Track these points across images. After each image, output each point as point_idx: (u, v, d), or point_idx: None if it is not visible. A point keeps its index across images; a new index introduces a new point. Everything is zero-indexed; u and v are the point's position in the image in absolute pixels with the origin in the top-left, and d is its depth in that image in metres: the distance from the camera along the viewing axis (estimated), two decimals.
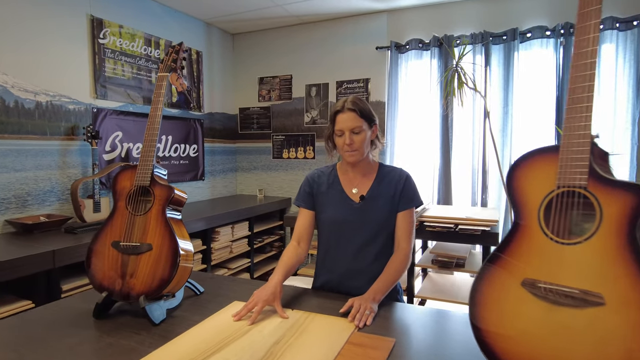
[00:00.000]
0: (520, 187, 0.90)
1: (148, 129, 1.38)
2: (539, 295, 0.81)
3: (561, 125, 2.95)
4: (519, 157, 0.92)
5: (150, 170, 1.34)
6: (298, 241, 1.52)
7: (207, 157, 3.92)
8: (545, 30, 2.99)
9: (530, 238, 0.86)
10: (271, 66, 4.12)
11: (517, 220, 0.89)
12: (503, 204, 3.22)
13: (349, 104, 1.44)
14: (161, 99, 1.40)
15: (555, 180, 0.84)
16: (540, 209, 0.85)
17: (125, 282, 1.27)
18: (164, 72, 1.44)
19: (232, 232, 3.38)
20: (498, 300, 0.88)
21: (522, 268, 0.85)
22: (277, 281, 1.34)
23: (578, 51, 0.84)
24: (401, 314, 1.32)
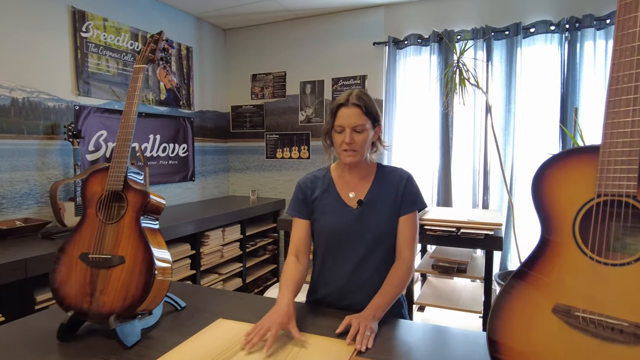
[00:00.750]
0: (549, 196, 0.76)
1: (122, 127, 1.23)
2: (576, 325, 0.68)
3: (566, 123, 2.83)
4: (547, 159, 0.78)
5: (123, 173, 1.20)
6: (296, 255, 1.37)
7: (198, 157, 3.77)
8: (550, 25, 2.87)
9: (563, 256, 0.72)
10: (264, 63, 3.97)
11: (546, 235, 0.76)
12: (505, 206, 3.10)
13: (354, 98, 1.29)
14: (137, 94, 1.26)
15: (594, 187, 0.70)
16: (575, 221, 0.72)
17: (95, 300, 1.12)
18: (141, 64, 1.29)
19: (223, 236, 3.23)
20: (523, 328, 0.74)
21: (554, 291, 0.72)
22: (289, 300, 1.17)
23: (621, 32, 0.71)
24: (405, 334, 1.19)
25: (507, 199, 3.06)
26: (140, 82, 1.27)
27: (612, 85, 0.71)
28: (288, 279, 1.27)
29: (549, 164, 0.77)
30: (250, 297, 1.46)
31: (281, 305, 1.15)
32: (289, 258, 1.36)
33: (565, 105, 2.85)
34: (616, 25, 0.72)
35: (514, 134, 3.02)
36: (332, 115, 1.34)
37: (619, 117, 0.69)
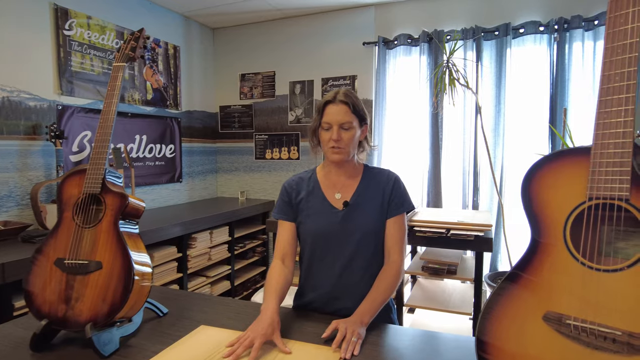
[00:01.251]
0: (539, 198, 0.74)
1: (100, 128, 1.19)
2: (568, 334, 0.65)
3: (555, 124, 2.83)
4: (537, 161, 0.76)
5: (101, 175, 1.15)
6: (282, 259, 1.34)
7: (185, 158, 3.71)
8: (539, 26, 2.87)
9: (554, 261, 0.70)
10: (253, 62, 3.93)
11: (536, 238, 0.73)
12: (495, 207, 3.09)
13: (342, 96, 1.28)
14: (116, 93, 1.21)
15: (586, 190, 0.68)
16: (566, 225, 0.69)
17: (70, 308, 1.07)
18: (121, 62, 1.25)
19: (211, 238, 3.17)
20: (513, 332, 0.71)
21: (545, 297, 0.69)
22: (273, 310, 1.13)
23: (612, 30, 0.69)
24: (393, 339, 1.16)
25: (496, 199, 3.05)
26: (120, 81, 1.22)
27: (604, 84, 0.69)
28: (273, 285, 1.23)
29: (539, 166, 0.75)
30: (234, 303, 1.42)
31: (265, 315, 1.11)
32: (275, 262, 1.32)
33: (554, 106, 2.85)
34: (607, 23, 0.70)
35: (503, 135, 3.01)
36: (319, 112, 1.32)
37: (610, 117, 0.67)
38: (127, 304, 1.06)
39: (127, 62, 1.27)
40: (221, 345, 1.08)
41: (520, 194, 0.76)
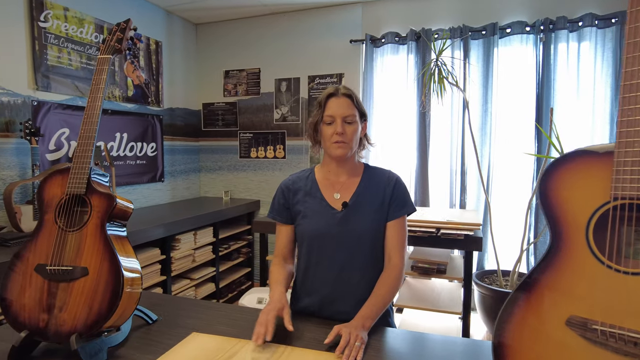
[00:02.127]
0: (558, 199, 0.71)
1: (84, 124, 1.11)
2: (594, 340, 0.63)
3: (541, 123, 2.86)
4: (554, 160, 0.73)
5: (86, 175, 1.07)
6: (283, 259, 1.33)
7: (167, 157, 3.60)
8: (525, 26, 2.89)
9: (576, 264, 0.67)
10: (238, 59, 3.85)
11: (556, 241, 0.70)
12: (482, 206, 3.11)
13: (344, 89, 1.27)
14: (101, 87, 1.14)
15: (609, 189, 0.66)
16: (588, 227, 0.67)
17: (53, 317, 1.00)
18: (106, 54, 1.17)
19: (195, 239, 3.09)
20: (533, 341, 0.69)
21: (567, 301, 0.67)
22: (281, 292, 1.19)
23: (634, 25, 0.66)
24: (394, 343, 1.12)
25: (483, 198, 3.07)
26: (106, 75, 1.15)
27: (627, 81, 0.67)
28: (277, 278, 1.25)
29: (557, 165, 0.72)
30: (226, 308, 1.36)
31: (273, 297, 1.16)
32: (276, 260, 1.31)
33: (540, 106, 2.88)
34: (629, 18, 0.67)
35: (490, 134, 3.03)
36: (321, 106, 1.28)
37: (635, 115, 0.65)
38: (115, 312, 0.99)
39: (113, 55, 1.19)
40: (216, 354, 1.02)
41: (538, 195, 0.73)
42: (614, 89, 2.73)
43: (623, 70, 0.67)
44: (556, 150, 2.56)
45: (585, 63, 2.81)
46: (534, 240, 2.96)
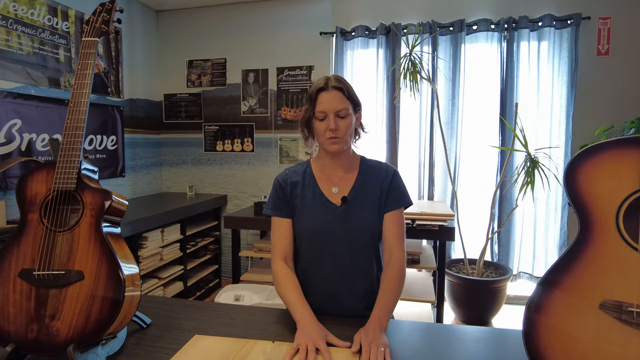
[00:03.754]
0: (586, 190, 0.73)
1: (71, 114, 1.01)
2: (630, 321, 0.66)
3: (505, 116, 3.00)
4: (581, 152, 0.76)
5: (76, 169, 0.98)
6: (284, 259, 1.24)
7: (128, 150, 3.39)
8: (490, 24, 3.01)
9: (607, 250, 0.70)
10: (202, 48, 3.69)
11: (585, 230, 0.73)
12: (449, 197, 3.22)
13: (334, 82, 1.21)
14: (89, 73, 1.04)
15: (637, 178, 0.69)
16: (618, 214, 0.70)
17: (44, 327, 0.90)
18: (92, 37, 1.07)
19: (162, 237, 2.95)
20: (567, 327, 0.71)
21: (599, 287, 0.70)
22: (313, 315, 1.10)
23: None
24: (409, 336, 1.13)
25: (450, 190, 3.18)
26: (93, 60, 1.05)
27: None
28: (294, 290, 1.17)
29: (584, 157, 0.75)
30: (223, 308, 1.31)
31: (310, 322, 1.07)
32: (279, 264, 1.22)
33: (504, 101, 3.02)
34: None
35: (457, 128, 3.13)
36: (311, 101, 1.23)
37: None
38: (117, 319, 0.92)
39: (100, 37, 1.09)
40: (228, 356, 0.98)
41: (565, 186, 0.76)
42: (570, 86, 2.92)
43: None
44: (520, 143, 2.70)
45: (544, 61, 2.97)
46: (498, 230, 3.11)
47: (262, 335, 1.10)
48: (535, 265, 3.10)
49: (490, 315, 2.93)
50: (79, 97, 1.02)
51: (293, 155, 3.58)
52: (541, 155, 2.71)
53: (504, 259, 3.15)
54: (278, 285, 1.19)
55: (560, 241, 3.02)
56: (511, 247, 3.13)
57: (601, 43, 2.93)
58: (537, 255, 3.09)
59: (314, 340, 0.98)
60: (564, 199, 2.99)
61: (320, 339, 0.99)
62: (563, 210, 3.00)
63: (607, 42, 2.93)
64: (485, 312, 2.93)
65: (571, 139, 2.95)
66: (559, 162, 2.99)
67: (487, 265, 3.11)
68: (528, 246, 3.12)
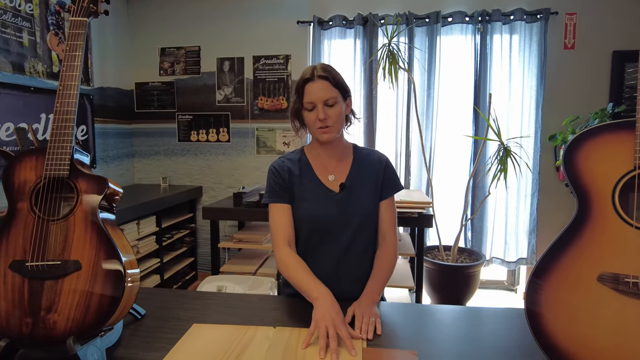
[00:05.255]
0: (585, 169, 0.78)
1: (60, 97, 0.96)
2: (626, 291, 0.71)
3: (479, 107, 3.09)
4: (579, 134, 0.80)
5: (68, 155, 0.94)
6: (288, 244, 1.24)
7: (99, 141, 3.26)
8: (465, 16, 3.08)
9: (604, 226, 0.75)
10: (175, 35, 3.58)
11: (584, 208, 0.78)
12: (424, 186, 3.30)
13: (320, 71, 1.20)
14: (78, 55, 0.99)
15: (631, 159, 0.74)
16: (614, 193, 0.75)
17: (40, 321, 0.86)
18: (81, 17, 1.02)
19: (138, 229, 2.87)
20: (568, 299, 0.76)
21: (597, 261, 0.74)
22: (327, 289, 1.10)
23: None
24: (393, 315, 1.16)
25: (425, 178, 3.25)
26: (82, 41, 1.00)
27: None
28: (304, 268, 1.17)
29: (582, 139, 0.79)
30: (215, 297, 1.30)
31: (326, 297, 1.06)
32: (284, 249, 1.22)
33: (478, 91, 3.11)
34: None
35: (432, 118, 3.20)
36: (299, 93, 1.23)
37: None
38: (117, 309, 0.89)
39: (89, 18, 1.04)
40: (231, 343, 0.97)
41: (564, 167, 0.80)
42: (539, 78, 3.04)
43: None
44: (494, 133, 2.79)
45: (515, 54, 3.08)
46: (471, 217, 3.23)
47: (262, 322, 1.10)
48: (506, 250, 3.24)
49: (464, 299, 3.05)
50: (69, 80, 0.97)
51: (270, 146, 3.55)
52: (513, 144, 2.83)
53: (477, 245, 3.27)
54: (287, 268, 1.19)
55: (530, 227, 3.17)
56: (484, 233, 3.25)
57: (567, 37, 3.07)
58: (508, 241, 3.23)
59: (335, 323, 0.96)
60: (533, 186, 3.13)
61: (342, 323, 0.97)
62: (532, 198, 3.14)
63: (572, 37, 3.07)
64: (460, 296, 3.04)
65: (540, 129, 3.08)
66: (529, 151, 3.12)
67: (461, 252, 3.22)
68: (500, 232, 3.25)
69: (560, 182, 3.15)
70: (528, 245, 3.19)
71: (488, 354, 0.95)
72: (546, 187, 3.17)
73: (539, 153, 3.10)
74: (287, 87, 3.45)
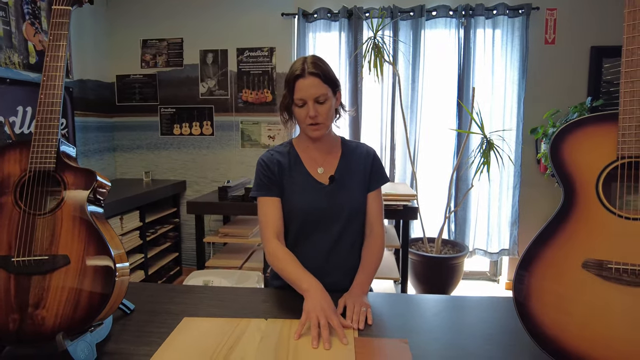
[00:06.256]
0: (570, 159, 0.80)
1: (44, 88, 0.94)
2: (609, 277, 0.73)
3: (463, 100, 3.14)
4: (565, 126, 0.82)
5: (54, 147, 0.92)
6: (277, 237, 1.23)
7: (79, 135, 3.18)
8: (449, 10, 3.11)
9: (588, 215, 0.78)
10: (157, 27, 3.50)
11: (569, 197, 0.80)
12: (408, 179, 3.33)
13: (311, 67, 1.18)
14: (62, 44, 0.96)
15: (615, 150, 0.76)
16: (598, 182, 0.77)
17: (28, 317, 0.85)
18: (64, 5, 0.99)
19: (122, 224, 2.82)
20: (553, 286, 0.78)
21: (581, 249, 0.77)
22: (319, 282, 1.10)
23: (632, 9, 0.77)
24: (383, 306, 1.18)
25: (409, 172, 3.29)
26: (67, 30, 0.97)
27: (627, 57, 0.77)
28: (295, 262, 1.16)
29: (568, 131, 0.81)
30: (205, 290, 1.29)
31: (317, 288, 1.07)
32: (273, 241, 1.21)
33: (462, 85, 3.15)
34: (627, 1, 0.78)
35: (417, 111, 3.23)
36: (289, 88, 1.22)
37: (635, 87, 0.75)
38: (108, 304, 0.88)
39: (73, 7, 1.01)
40: (223, 336, 0.97)
41: (551, 158, 0.82)
42: (521, 72, 3.10)
43: (624, 49, 0.78)
44: (477, 126, 2.84)
45: (498, 48, 3.13)
46: (455, 209, 3.28)
47: (253, 314, 1.11)
48: (489, 242, 3.31)
49: (448, 290, 3.10)
50: (53, 71, 0.95)
51: (255, 139, 3.53)
52: (495, 137, 2.88)
53: (460, 237, 3.33)
54: (277, 260, 1.18)
55: (512, 219, 3.24)
56: (467, 225, 3.31)
57: (548, 32, 3.13)
58: (491, 232, 3.30)
59: (327, 313, 0.97)
60: (515, 179, 3.20)
61: (332, 313, 0.98)
62: (514, 190, 3.21)
63: (553, 32, 3.13)
64: (444, 286, 3.09)
65: (522, 122, 3.15)
66: (511, 144, 3.18)
67: (444, 243, 3.28)
68: (482, 224, 3.31)
69: (541, 174, 3.23)
70: (510, 237, 3.27)
71: (476, 340, 0.97)
72: (528, 180, 3.24)
73: (521, 146, 3.17)
74: (272, 79, 3.43)
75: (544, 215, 3.22)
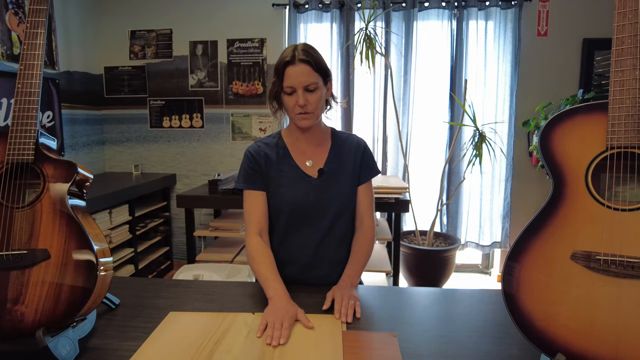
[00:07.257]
0: (560, 150, 0.79)
1: (21, 77, 0.91)
2: (597, 268, 0.73)
3: (455, 92, 3.13)
4: (555, 116, 0.81)
5: (33, 139, 0.89)
6: (259, 233, 1.22)
7: (67, 127, 3.12)
8: (442, 1, 3.08)
9: (577, 206, 0.77)
10: (145, 18, 3.44)
11: (558, 188, 0.79)
12: (401, 171, 3.32)
13: (301, 54, 1.15)
14: (41, 32, 0.93)
15: (604, 141, 0.75)
16: (587, 173, 0.76)
17: (6, 313, 0.83)
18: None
19: (111, 219, 2.78)
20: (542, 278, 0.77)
21: (570, 240, 0.76)
22: (285, 292, 1.09)
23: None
24: (372, 299, 1.17)
25: (401, 164, 3.28)
26: (45, 17, 0.94)
27: (617, 46, 0.76)
28: (267, 265, 1.15)
29: (557, 121, 0.80)
30: (191, 284, 1.28)
31: (282, 299, 1.05)
32: (253, 239, 1.20)
33: (454, 77, 3.13)
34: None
35: (409, 103, 3.22)
36: (278, 75, 1.18)
37: (624, 76, 0.74)
38: (90, 299, 0.86)
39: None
40: (209, 330, 0.96)
41: (540, 148, 0.81)
42: (514, 64, 3.09)
43: (614, 37, 0.76)
44: (469, 118, 2.83)
45: (491, 40, 3.11)
46: (447, 202, 3.28)
47: (241, 309, 1.09)
48: (481, 234, 3.32)
49: (440, 283, 3.12)
50: (30, 59, 0.91)
51: (246, 132, 3.49)
52: (488, 129, 2.88)
53: (452, 230, 3.34)
54: (252, 260, 1.17)
55: (504, 211, 3.25)
56: (459, 218, 3.32)
57: (540, 24, 3.12)
58: (482, 225, 3.31)
59: (282, 319, 0.97)
60: (507, 171, 3.20)
61: (288, 318, 0.97)
62: (506, 183, 3.22)
63: (545, 24, 3.12)
64: (435, 279, 3.10)
65: (514, 114, 3.14)
66: (503, 136, 3.18)
67: (436, 236, 3.28)
68: (474, 217, 3.32)
69: (533, 167, 3.24)
70: (502, 229, 3.28)
71: (466, 333, 0.97)
72: (520, 172, 3.25)
73: (513, 139, 3.17)
74: (263, 71, 3.39)
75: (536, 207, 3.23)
